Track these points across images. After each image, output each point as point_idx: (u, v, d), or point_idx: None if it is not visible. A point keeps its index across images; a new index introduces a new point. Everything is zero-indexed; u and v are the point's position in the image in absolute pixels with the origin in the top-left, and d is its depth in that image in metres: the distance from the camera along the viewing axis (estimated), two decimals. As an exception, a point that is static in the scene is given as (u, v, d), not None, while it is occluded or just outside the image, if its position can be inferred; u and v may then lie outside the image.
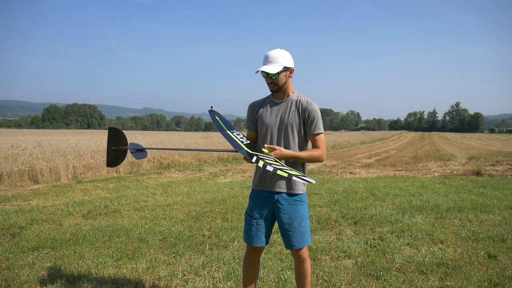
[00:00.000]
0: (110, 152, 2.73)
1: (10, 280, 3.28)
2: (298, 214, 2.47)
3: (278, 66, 2.37)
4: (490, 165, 12.89)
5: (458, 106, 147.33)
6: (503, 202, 6.36)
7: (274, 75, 2.38)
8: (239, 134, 2.62)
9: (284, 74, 2.43)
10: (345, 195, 7.10)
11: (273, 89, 2.47)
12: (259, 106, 2.60)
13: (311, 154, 2.43)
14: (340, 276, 3.36)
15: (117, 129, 2.74)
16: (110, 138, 2.73)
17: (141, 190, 8.10)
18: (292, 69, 2.46)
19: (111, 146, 2.72)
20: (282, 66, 2.38)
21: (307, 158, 2.42)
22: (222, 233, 4.64)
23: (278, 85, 2.43)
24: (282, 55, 2.39)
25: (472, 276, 3.31)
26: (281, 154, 2.34)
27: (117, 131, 2.73)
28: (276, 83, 2.42)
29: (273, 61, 2.38)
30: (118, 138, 2.73)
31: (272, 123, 2.50)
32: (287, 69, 2.42)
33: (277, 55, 2.39)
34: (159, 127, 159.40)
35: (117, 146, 2.72)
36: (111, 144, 2.72)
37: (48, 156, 10.70)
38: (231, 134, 2.57)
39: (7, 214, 5.72)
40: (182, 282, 3.29)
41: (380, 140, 43.23)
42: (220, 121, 2.74)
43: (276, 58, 2.38)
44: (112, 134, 2.73)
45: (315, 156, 2.43)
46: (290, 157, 2.38)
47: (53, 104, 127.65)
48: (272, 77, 2.40)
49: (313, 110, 2.44)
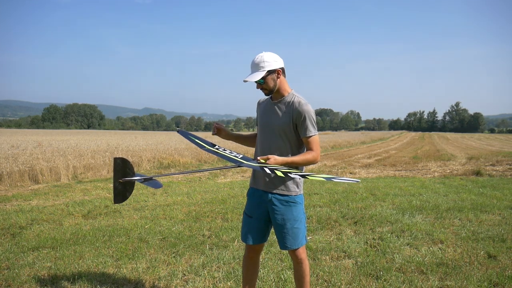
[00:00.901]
0: (117, 186, 2.33)
1: (10, 280, 3.28)
2: (291, 216, 2.46)
3: (261, 73, 2.37)
4: (490, 165, 12.89)
5: (458, 106, 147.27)
6: (503, 202, 6.36)
7: (260, 80, 2.39)
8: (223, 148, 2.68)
9: (271, 77, 2.41)
10: (345, 195, 7.10)
11: (265, 93, 2.49)
12: (261, 105, 2.64)
13: (304, 158, 2.40)
14: (340, 276, 3.37)
15: (123, 159, 2.36)
16: (116, 169, 2.33)
17: (141, 190, 8.10)
18: (279, 70, 2.43)
19: (118, 179, 2.32)
20: (265, 71, 2.38)
21: (301, 162, 2.40)
22: (222, 233, 4.64)
23: (268, 89, 2.44)
24: (264, 60, 2.38)
25: (472, 276, 3.32)
26: (276, 162, 2.31)
27: (124, 161, 2.35)
28: (266, 88, 2.43)
29: (256, 68, 2.39)
30: (125, 169, 2.34)
31: (265, 124, 2.52)
32: (272, 72, 2.40)
33: (259, 61, 2.38)
34: (159, 127, 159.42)
35: (124, 178, 2.33)
36: (118, 176, 2.33)
37: (48, 156, 10.70)
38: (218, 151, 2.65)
39: (7, 214, 5.72)
40: (182, 282, 3.30)
41: (380, 140, 43.23)
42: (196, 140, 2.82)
43: (258, 64, 2.38)
44: (119, 165, 2.33)
45: (309, 159, 2.40)
46: (284, 163, 2.35)
47: (53, 104, 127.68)
48: (260, 83, 2.41)
49: (304, 111, 2.39)
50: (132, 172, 2.36)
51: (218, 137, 2.72)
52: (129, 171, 2.35)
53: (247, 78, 2.38)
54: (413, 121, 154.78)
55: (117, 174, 2.33)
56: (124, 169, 2.34)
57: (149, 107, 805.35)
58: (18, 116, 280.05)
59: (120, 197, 2.35)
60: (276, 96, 2.51)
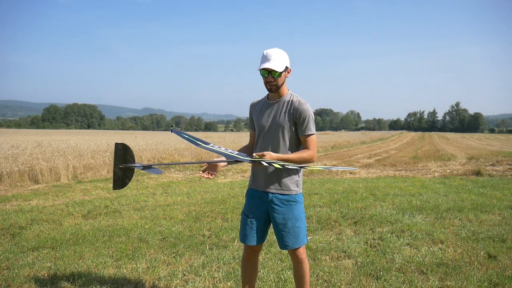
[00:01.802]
0: (117, 171, 2.32)
1: (10, 280, 3.28)
2: (292, 215, 2.46)
3: (282, 65, 2.35)
4: (490, 165, 12.89)
5: (458, 106, 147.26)
6: (503, 202, 6.36)
7: (278, 73, 2.35)
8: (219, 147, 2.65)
9: (284, 74, 2.42)
10: (345, 195, 7.09)
11: (271, 88, 2.42)
12: (255, 106, 2.61)
13: (301, 156, 2.39)
14: (340, 276, 3.36)
15: (125, 145, 2.35)
16: (117, 155, 2.32)
17: (141, 190, 8.10)
18: (290, 69, 2.46)
19: (118, 164, 2.31)
20: (284, 65, 2.37)
21: (297, 160, 2.38)
22: (222, 233, 4.64)
23: (277, 84, 2.40)
24: (282, 54, 2.37)
25: (472, 276, 3.31)
26: (271, 158, 2.30)
27: (125, 147, 2.34)
28: (276, 83, 2.39)
29: (276, 59, 2.33)
30: (125, 155, 2.34)
31: (264, 125, 2.49)
32: (286, 68, 2.42)
33: (279, 53, 2.35)
34: (159, 127, 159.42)
35: (125, 164, 2.33)
36: (118, 162, 2.32)
37: (48, 156, 10.71)
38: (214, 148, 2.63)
39: (7, 214, 5.72)
40: (182, 282, 3.29)
41: (380, 140, 43.24)
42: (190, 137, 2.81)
43: (278, 56, 2.34)
44: (119, 150, 2.32)
45: (305, 157, 2.39)
46: (280, 160, 2.33)
47: (53, 104, 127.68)
48: (274, 76, 2.36)
49: (304, 110, 2.40)
50: (132, 159, 2.35)
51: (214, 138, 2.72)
52: (129, 158, 2.34)
53: (269, 65, 2.30)
54: (413, 121, 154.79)
55: (117, 159, 2.31)
56: (125, 155, 2.33)
57: (149, 107, 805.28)
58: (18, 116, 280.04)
59: (119, 183, 2.34)
60: (274, 96, 2.49)
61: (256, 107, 2.61)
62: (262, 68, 2.34)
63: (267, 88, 2.45)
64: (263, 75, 2.40)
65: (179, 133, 3.01)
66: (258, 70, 2.38)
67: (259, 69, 2.37)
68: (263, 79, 2.43)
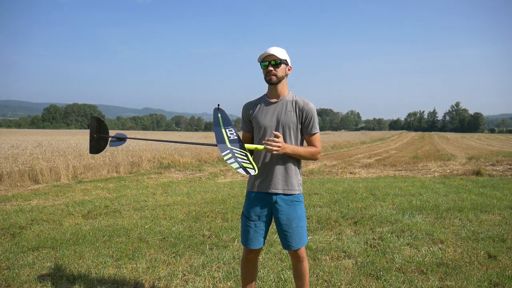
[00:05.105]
0: (91, 140, 2.86)
1: (10, 280, 3.29)
2: (295, 215, 2.47)
3: (282, 55, 2.41)
4: (490, 165, 12.89)
5: (458, 106, 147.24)
6: (503, 202, 6.36)
7: (278, 61, 2.39)
8: (231, 131, 2.56)
9: (284, 67, 2.45)
10: (345, 195, 7.10)
11: (271, 79, 2.42)
12: (253, 107, 2.57)
13: (309, 150, 2.46)
14: (340, 276, 3.37)
15: (99, 119, 2.88)
16: (91, 127, 2.86)
17: (141, 190, 8.10)
18: (290, 67, 2.50)
19: (93, 134, 2.85)
20: (285, 57, 2.43)
21: (305, 154, 2.45)
22: (222, 233, 4.64)
23: (277, 75, 2.42)
24: (283, 50, 2.45)
25: (472, 276, 3.31)
26: (284, 145, 2.33)
27: (99, 121, 2.88)
28: (276, 73, 2.41)
29: (277, 50, 2.40)
30: (99, 128, 2.87)
31: (268, 124, 2.48)
32: (287, 63, 2.46)
33: (280, 50, 2.43)
34: (159, 127, 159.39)
35: (98, 134, 2.86)
36: (93, 132, 2.85)
37: (48, 156, 10.70)
38: (222, 130, 2.56)
39: (7, 214, 5.72)
40: (182, 282, 3.29)
41: (380, 140, 43.23)
42: (220, 118, 2.67)
43: (278, 49, 2.42)
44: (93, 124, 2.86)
45: (312, 153, 2.47)
46: (291, 150, 2.38)
47: (53, 104, 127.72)
48: (274, 63, 2.39)
49: (310, 109, 2.46)
50: (105, 131, 2.88)
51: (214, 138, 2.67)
52: (102, 130, 2.87)
53: (271, 50, 2.38)
54: (413, 121, 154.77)
55: (92, 130, 2.85)
56: (99, 128, 2.86)
57: (149, 107, 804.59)
58: (18, 116, 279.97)
59: (94, 149, 2.87)
60: (275, 95, 2.50)
61: (254, 107, 2.57)
62: (263, 56, 2.40)
63: (267, 80, 2.45)
64: (263, 68, 2.44)
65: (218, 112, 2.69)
66: (258, 62, 2.43)
67: (259, 61, 2.42)
68: (263, 72, 2.45)
